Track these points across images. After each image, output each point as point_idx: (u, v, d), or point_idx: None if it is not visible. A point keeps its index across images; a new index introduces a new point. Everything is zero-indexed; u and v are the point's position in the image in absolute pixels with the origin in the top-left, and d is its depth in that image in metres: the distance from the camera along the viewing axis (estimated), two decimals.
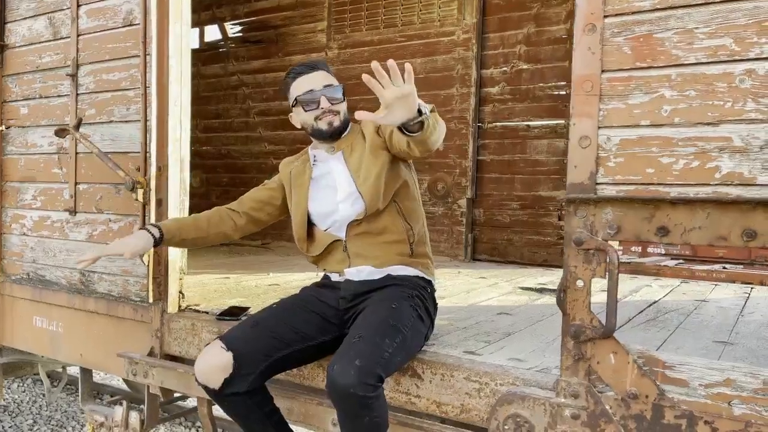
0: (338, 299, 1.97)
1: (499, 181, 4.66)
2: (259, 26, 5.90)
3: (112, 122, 2.77)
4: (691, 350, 2.03)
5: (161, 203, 2.50)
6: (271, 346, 1.85)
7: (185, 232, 2.06)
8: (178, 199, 2.53)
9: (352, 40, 5.27)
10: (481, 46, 4.66)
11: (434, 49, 4.85)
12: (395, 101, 1.53)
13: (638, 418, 1.52)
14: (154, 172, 2.51)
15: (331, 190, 2.02)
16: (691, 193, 1.46)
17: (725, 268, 5.77)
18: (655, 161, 1.51)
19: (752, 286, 3.86)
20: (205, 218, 2.11)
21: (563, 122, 4.32)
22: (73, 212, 2.94)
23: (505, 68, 4.59)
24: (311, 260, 2.10)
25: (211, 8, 6.17)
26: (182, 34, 2.51)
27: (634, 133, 1.53)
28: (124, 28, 2.72)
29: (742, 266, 5.93)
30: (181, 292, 2.59)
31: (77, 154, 2.92)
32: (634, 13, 1.53)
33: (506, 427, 1.67)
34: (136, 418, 2.63)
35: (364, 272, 1.96)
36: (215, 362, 1.80)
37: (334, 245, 2.02)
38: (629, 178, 1.54)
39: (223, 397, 1.85)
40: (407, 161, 2.04)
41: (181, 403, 3.78)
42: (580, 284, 1.58)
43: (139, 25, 2.60)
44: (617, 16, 1.54)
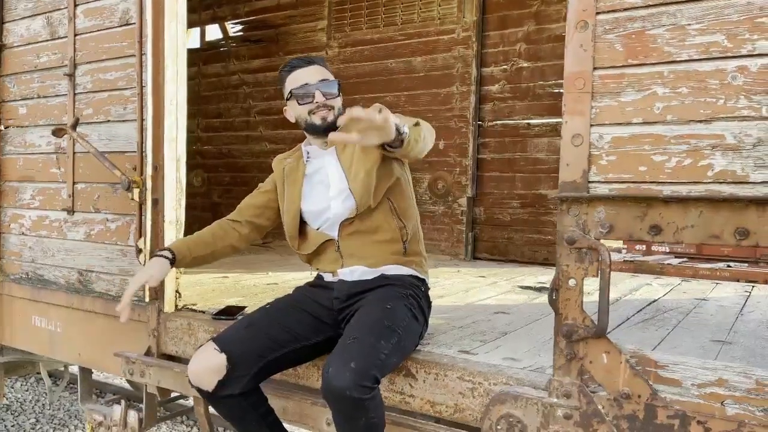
0: (332, 299, 1.96)
1: (499, 179, 4.65)
2: (259, 25, 5.90)
3: (109, 122, 2.77)
4: (688, 349, 2.02)
5: (157, 203, 2.50)
6: (264, 347, 1.84)
7: (194, 250, 2.05)
8: (174, 198, 2.51)
9: (352, 38, 5.27)
10: (481, 44, 4.64)
11: (434, 47, 4.84)
12: (368, 130, 1.57)
13: (631, 418, 1.51)
14: (150, 171, 2.51)
15: (323, 186, 2.01)
16: (683, 191, 1.45)
17: (729, 266, 5.74)
18: (647, 159, 1.49)
19: (753, 285, 3.83)
20: (209, 233, 2.09)
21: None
22: (71, 212, 2.95)
23: (505, 66, 4.58)
24: (304, 259, 2.09)
25: (211, 8, 6.18)
26: (178, 33, 2.49)
27: (626, 131, 1.52)
28: (120, 27, 2.72)
29: (746, 264, 5.91)
30: (177, 291, 2.58)
31: (75, 153, 2.92)
32: (626, 9, 1.51)
33: (499, 427, 1.67)
34: (134, 417, 2.63)
35: (357, 272, 1.95)
36: (208, 364, 1.79)
37: (326, 245, 2.01)
38: (621, 176, 1.53)
39: (217, 398, 1.84)
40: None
41: (182, 401, 3.78)
42: (572, 283, 1.57)
43: (135, 24, 2.59)
44: (609, 12, 1.53)
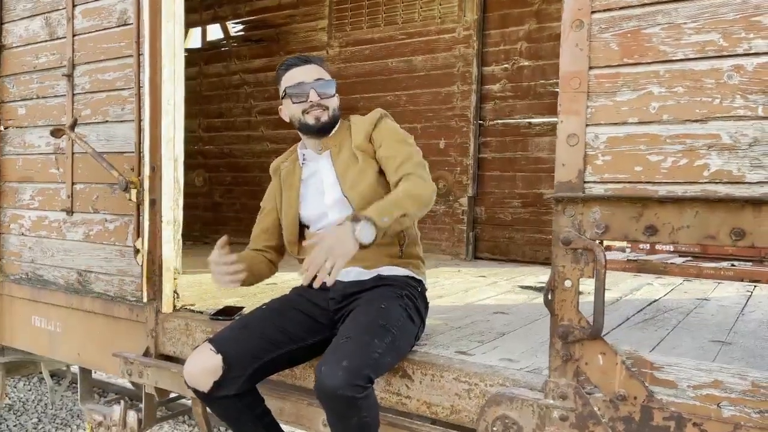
0: (327, 300, 1.95)
1: (500, 179, 4.63)
2: (260, 25, 5.90)
3: (107, 122, 2.77)
4: (687, 350, 2.00)
5: (155, 203, 2.49)
6: (260, 347, 1.84)
7: (252, 266, 2.00)
8: (171, 199, 2.51)
9: (353, 38, 5.25)
10: (482, 43, 4.62)
11: (435, 46, 4.82)
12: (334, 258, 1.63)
13: (627, 419, 1.50)
14: (147, 172, 2.50)
15: (318, 193, 2.01)
16: (679, 191, 1.44)
17: (733, 265, 5.71)
18: (643, 159, 1.48)
19: (756, 284, 3.80)
20: (248, 256, 2.05)
21: None
22: (70, 212, 2.95)
23: (506, 65, 4.56)
24: (301, 262, 2.08)
25: (212, 8, 6.18)
26: (175, 33, 2.49)
27: (621, 130, 1.51)
28: (118, 27, 2.72)
29: (750, 263, 5.87)
30: (175, 291, 2.58)
31: (74, 154, 2.92)
32: (621, 8, 1.50)
33: (495, 428, 1.66)
34: (133, 417, 2.63)
35: (352, 273, 1.95)
36: (204, 365, 1.79)
37: None
38: (617, 176, 1.51)
39: (213, 399, 1.83)
40: None
41: (184, 401, 3.78)
42: (568, 284, 1.56)
43: (132, 24, 2.59)
44: (605, 11, 1.52)
